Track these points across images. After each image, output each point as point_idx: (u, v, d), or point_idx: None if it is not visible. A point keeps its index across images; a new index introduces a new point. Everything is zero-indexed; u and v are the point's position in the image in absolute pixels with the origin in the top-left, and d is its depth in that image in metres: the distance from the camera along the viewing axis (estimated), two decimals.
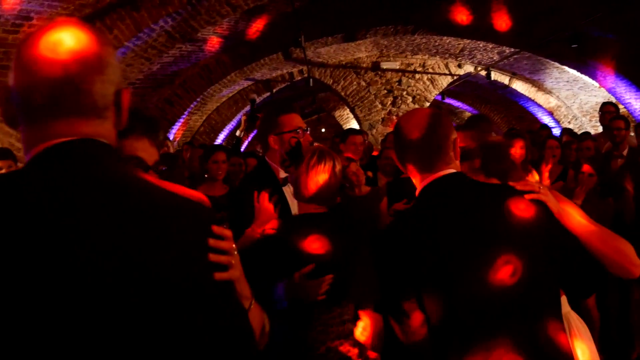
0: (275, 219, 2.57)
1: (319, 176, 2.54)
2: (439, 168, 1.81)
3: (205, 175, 5.08)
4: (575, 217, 1.78)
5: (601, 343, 5.13)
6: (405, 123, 1.85)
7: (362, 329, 1.97)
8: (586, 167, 4.89)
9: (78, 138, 1.13)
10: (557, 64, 11.02)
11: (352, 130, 6.04)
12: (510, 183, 1.81)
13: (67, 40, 1.14)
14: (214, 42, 9.63)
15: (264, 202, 2.60)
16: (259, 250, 2.44)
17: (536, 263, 1.66)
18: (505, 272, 1.62)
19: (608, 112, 6.77)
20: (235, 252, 1.32)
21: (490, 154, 2.49)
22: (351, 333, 2.38)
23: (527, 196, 1.75)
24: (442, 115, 1.87)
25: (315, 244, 2.42)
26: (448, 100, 17.74)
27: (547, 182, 5.31)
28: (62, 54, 1.12)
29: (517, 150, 4.88)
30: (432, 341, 1.68)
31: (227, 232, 1.29)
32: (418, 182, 1.86)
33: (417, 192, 1.85)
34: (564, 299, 2.88)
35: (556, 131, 12.89)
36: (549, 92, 13.83)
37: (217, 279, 1.22)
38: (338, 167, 2.61)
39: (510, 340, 1.59)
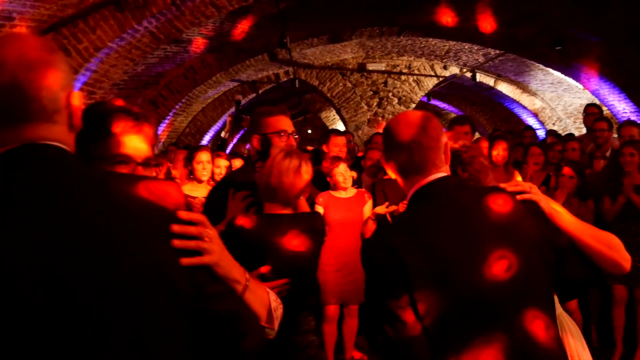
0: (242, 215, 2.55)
1: (283, 174, 2.53)
2: (429, 171, 1.78)
3: (190, 176, 5.03)
4: (566, 216, 1.78)
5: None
6: (396, 125, 1.82)
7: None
8: (566, 170, 4.92)
9: (25, 144, 1.17)
10: (541, 66, 11.10)
11: (334, 131, 6.04)
12: (501, 185, 1.80)
13: (13, 49, 1.19)
14: (199, 43, 9.58)
15: (236, 200, 2.61)
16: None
17: (531, 264, 1.65)
18: (501, 273, 1.61)
19: (591, 113, 6.82)
20: (212, 237, 1.32)
21: (454, 160, 2.47)
22: (310, 345, 2.36)
23: (518, 197, 1.74)
24: (433, 118, 1.85)
25: (271, 246, 2.39)
26: (434, 102, 17.80)
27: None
28: (8, 62, 1.17)
29: (500, 152, 4.91)
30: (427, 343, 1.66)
31: (198, 217, 1.31)
32: (407, 185, 1.83)
33: (408, 196, 1.82)
34: (555, 300, 2.88)
35: (541, 133, 12.99)
36: (533, 93, 13.92)
37: (185, 264, 1.24)
38: (305, 168, 2.58)
39: (506, 342, 1.58)
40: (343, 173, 4.86)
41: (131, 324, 1.16)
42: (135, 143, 1.64)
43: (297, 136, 2.97)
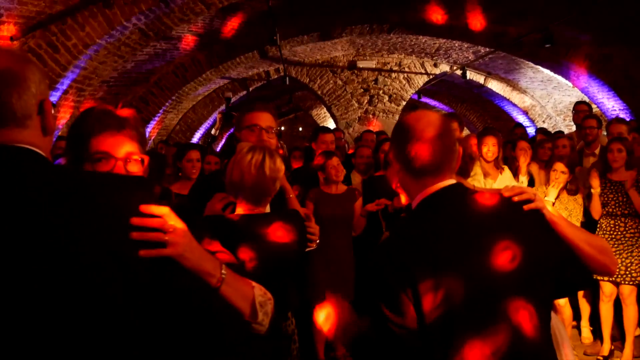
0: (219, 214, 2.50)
1: (244, 170, 2.41)
2: (444, 175, 1.74)
3: (180, 174, 5.01)
4: (564, 223, 1.79)
5: (573, 340, 5.20)
6: (416, 122, 1.74)
7: (325, 317, 1.80)
8: (558, 165, 4.94)
9: None
10: (531, 64, 11.14)
11: (322, 128, 6.03)
12: (506, 193, 1.78)
13: None
14: (189, 40, 9.55)
15: (214, 200, 2.55)
16: None
17: (534, 273, 1.67)
18: (505, 281, 1.62)
19: (581, 111, 6.84)
20: (176, 230, 1.35)
21: None
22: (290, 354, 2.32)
23: (525, 207, 1.74)
24: (453, 121, 1.82)
25: (235, 249, 2.26)
26: (424, 99, 17.84)
27: (524, 175, 5.37)
28: None
29: (489, 147, 4.92)
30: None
31: (160, 210, 1.35)
32: (416, 187, 1.76)
33: (416, 199, 1.76)
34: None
35: (531, 130, 13.04)
36: (523, 91, 13.98)
37: (143, 256, 1.28)
38: (269, 164, 2.44)
39: (509, 349, 1.59)
40: (336, 166, 4.86)
41: (87, 314, 1.22)
42: (114, 141, 1.71)
43: (275, 131, 2.91)
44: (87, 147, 1.71)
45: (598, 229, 4.97)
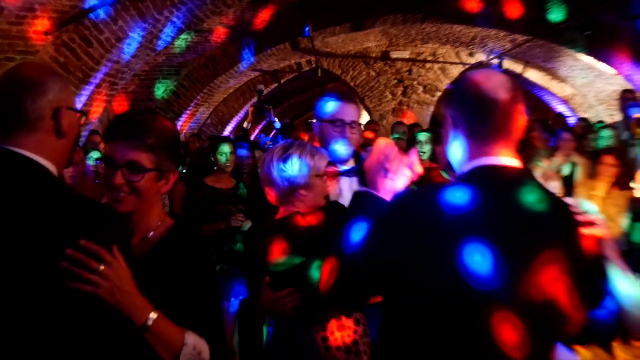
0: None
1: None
2: (506, 146, 1.56)
3: (215, 168, 4.96)
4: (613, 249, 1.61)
5: None
6: (486, 81, 1.55)
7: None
8: (607, 158, 4.68)
9: None
10: (571, 52, 10.79)
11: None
12: (579, 217, 1.57)
13: (9, 72, 1.55)
14: (220, 33, 9.52)
15: None
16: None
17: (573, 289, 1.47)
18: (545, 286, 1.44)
19: (627, 99, 6.57)
20: (106, 274, 1.44)
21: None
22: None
23: (588, 232, 1.54)
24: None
25: (274, 253, 2.23)
26: None
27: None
28: (3, 81, 1.53)
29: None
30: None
31: (96, 249, 1.43)
32: (475, 152, 1.57)
33: (472, 164, 1.57)
34: None
35: (572, 120, 12.68)
36: (563, 80, 13.58)
37: (67, 287, 1.38)
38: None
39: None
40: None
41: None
42: (117, 148, 1.73)
43: (358, 125, 2.77)
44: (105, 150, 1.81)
45: None
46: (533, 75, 14.27)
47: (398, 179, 1.77)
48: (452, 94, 1.67)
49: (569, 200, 1.64)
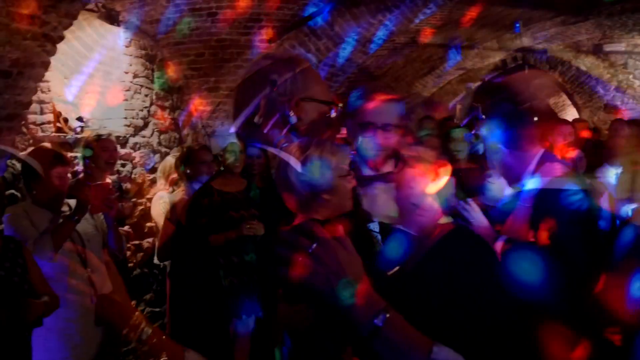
0: None
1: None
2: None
3: (221, 168, 4.69)
4: None
5: None
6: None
7: None
8: None
9: None
10: None
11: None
12: None
13: None
14: (427, 33, 9.60)
15: None
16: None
17: None
18: None
19: None
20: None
21: None
22: None
23: None
24: None
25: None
26: None
27: None
28: None
29: None
30: None
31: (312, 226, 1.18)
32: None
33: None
34: None
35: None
36: None
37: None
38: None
39: None
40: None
41: None
42: None
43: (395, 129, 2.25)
44: None
45: None
46: None
47: (428, 214, 1.76)
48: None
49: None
